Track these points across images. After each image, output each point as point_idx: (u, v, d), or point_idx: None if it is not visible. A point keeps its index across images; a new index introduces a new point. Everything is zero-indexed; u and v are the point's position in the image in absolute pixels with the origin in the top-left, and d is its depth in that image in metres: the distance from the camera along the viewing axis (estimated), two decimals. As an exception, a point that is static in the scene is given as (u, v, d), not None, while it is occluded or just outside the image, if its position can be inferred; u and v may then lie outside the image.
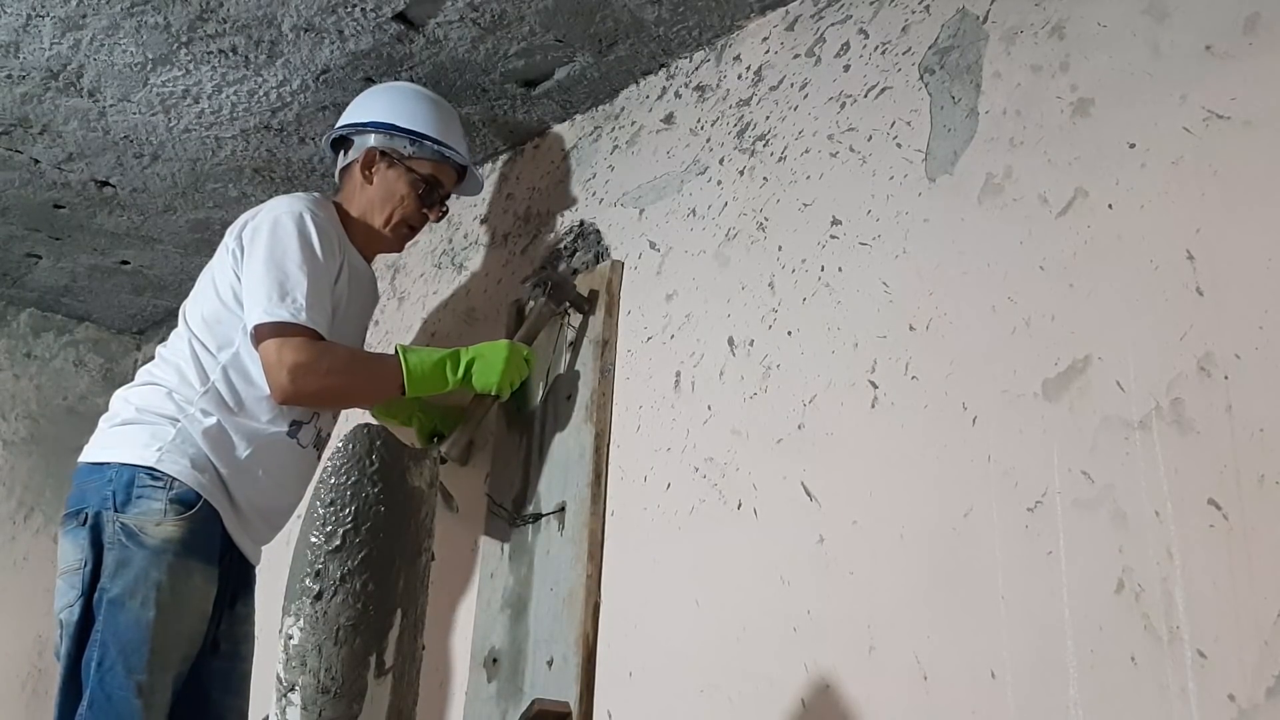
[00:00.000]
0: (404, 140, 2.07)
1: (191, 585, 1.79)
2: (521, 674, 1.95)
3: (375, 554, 1.15)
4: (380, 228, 2.09)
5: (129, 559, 1.76)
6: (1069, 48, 1.56)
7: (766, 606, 1.65)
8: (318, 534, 1.14)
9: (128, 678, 1.71)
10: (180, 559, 1.78)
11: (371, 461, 1.17)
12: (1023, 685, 1.35)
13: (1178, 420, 1.30)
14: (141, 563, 1.75)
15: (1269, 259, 1.28)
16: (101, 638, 1.73)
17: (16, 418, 3.46)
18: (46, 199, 2.80)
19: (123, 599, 1.74)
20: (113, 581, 1.75)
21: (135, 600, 1.74)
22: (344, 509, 1.15)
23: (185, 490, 1.81)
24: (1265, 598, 1.19)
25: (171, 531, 1.78)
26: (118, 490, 1.80)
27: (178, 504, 1.80)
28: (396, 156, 2.07)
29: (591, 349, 2.08)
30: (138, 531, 1.77)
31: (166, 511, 1.79)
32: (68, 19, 2.09)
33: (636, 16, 2.05)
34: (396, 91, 2.14)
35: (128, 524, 1.77)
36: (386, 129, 2.07)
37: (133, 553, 1.76)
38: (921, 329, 1.60)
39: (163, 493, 1.80)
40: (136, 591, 1.74)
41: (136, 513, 1.78)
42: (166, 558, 1.76)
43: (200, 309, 1.96)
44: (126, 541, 1.76)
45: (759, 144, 1.95)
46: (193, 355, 1.91)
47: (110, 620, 1.73)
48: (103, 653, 1.72)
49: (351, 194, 2.10)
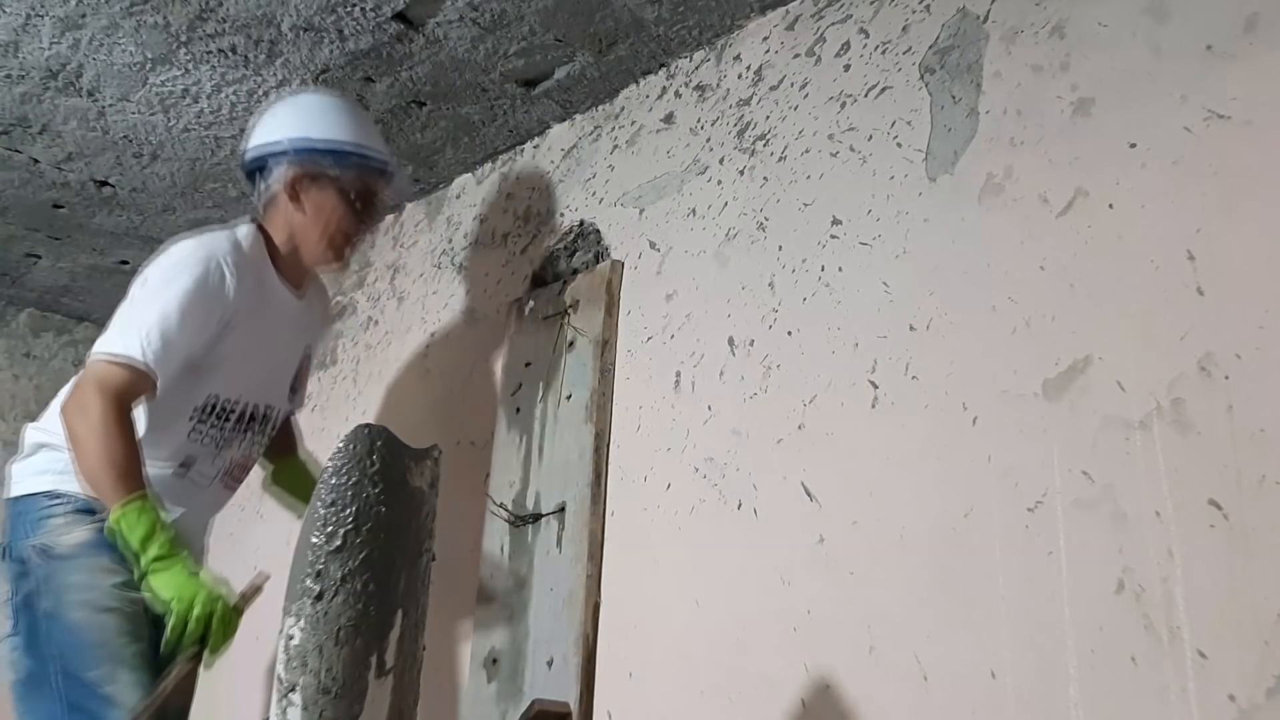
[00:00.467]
0: (326, 159, 1.95)
1: (116, 578, 1.79)
2: (521, 674, 1.95)
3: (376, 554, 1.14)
4: (316, 247, 1.99)
5: (50, 574, 1.81)
6: (1069, 47, 1.56)
7: (766, 606, 1.65)
8: (318, 534, 1.14)
9: (83, 677, 1.74)
10: (93, 558, 1.80)
11: (372, 462, 1.17)
12: (1023, 685, 1.35)
13: (1178, 420, 1.30)
14: (60, 574, 1.80)
15: (1269, 259, 1.28)
16: (53, 651, 1.78)
17: (16, 418, 3.46)
18: (46, 199, 2.80)
19: (54, 611, 1.79)
20: (43, 599, 1.80)
21: (65, 607, 1.78)
22: (345, 509, 1.15)
23: (85, 503, 1.83)
24: (1265, 598, 1.19)
25: (81, 537, 1.82)
26: (29, 520, 1.86)
27: (81, 513, 1.83)
28: (323, 175, 1.95)
29: (591, 349, 2.08)
30: (52, 545, 1.82)
31: (71, 523, 1.83)
32: (67, 18, 2.09)
33: (636, 16, 2.05)
34: (304, 103, 2.03)
35: (42, 544, 1.83)
36: (304, 149, 1.95)
37: (52, 567, 1.81)
38: (921, 329, 1.60)
39: (63, 507, 1.84)
40: (62, 598, 1.79)
41: (45, 532, 1.83)
42: (80, 560, 1.80)
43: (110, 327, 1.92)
44: (43, 560, 1.82)
45: (759, 144, 1.95)
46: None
47: (51, 634, 1.78)
48: (56, 665, 1.77)
49: (280, 220, 1.99)
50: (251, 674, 2.47)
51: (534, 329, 2.23)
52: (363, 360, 2.73)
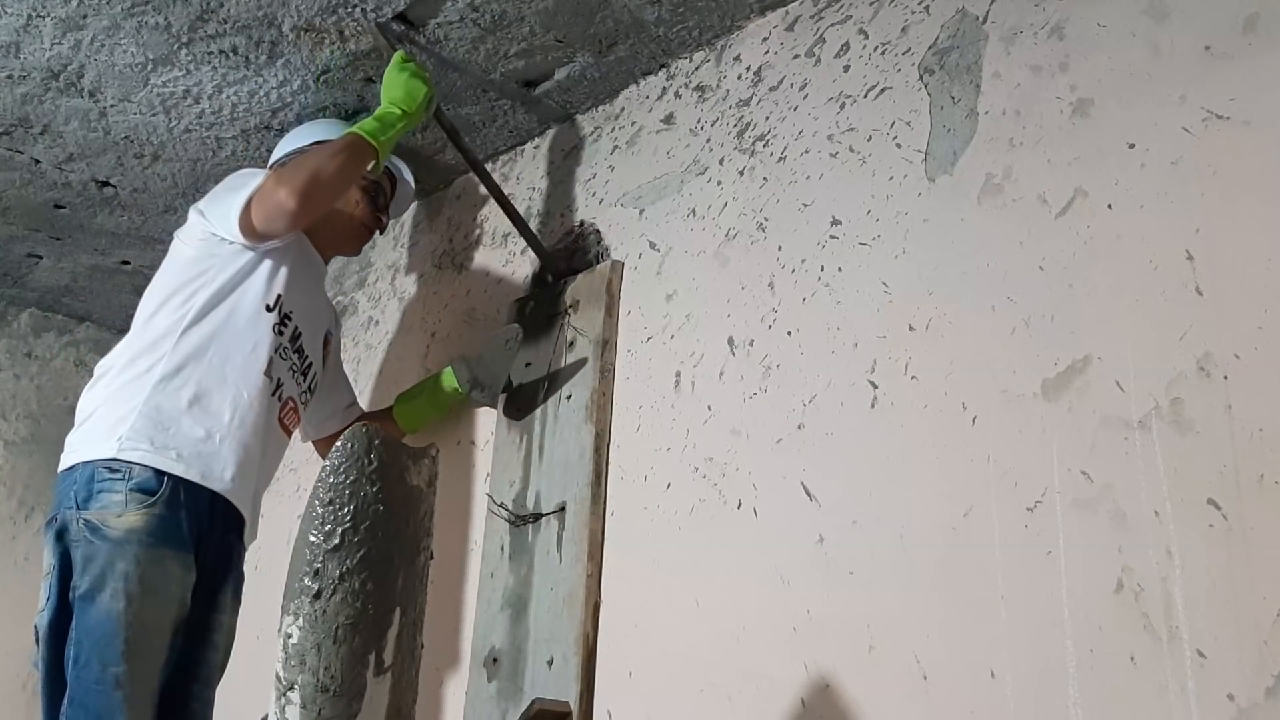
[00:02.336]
0: None
1: (164, 573, 1.78)
2: (521, 674, 1.95)
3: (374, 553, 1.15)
4: (338, 233, 2.19)
5: (94, 554, 1.76)
6: (1069, 48, 1.56)
7: (766, 606, 1.65)
8: (316, 533, 1.14)
9: (104, 671, 1.71)
10: (147, 548, 1.77)
11: (370, 460, 1.17)
12: (1023, 685, 1.35)
13: (1177, 420, 1.30)
14: (107, 555, 1.75)
15: (1269, 259, 1.28)
16: (76, 635, 1.74)
17: (17, 418, 3.46)
18: (47, 199, 2.80)
19: (92, 594, 1.74)
20: (82, 577, 1.75)
21: (104, 593, 1.74)
22: (343, 508, 1.15)
23: (146, 479, 1.80)
24: (1265, 597, 1.19)
25: (134, 521, 1.77)
26: (78, 489, 1.80)
27: (138, 493, 1.79)
28: None
29: (591, 349, 2.08)
30: (100, 525, 1.77)
31: (127, 502, 1.78)
32: (68, 19, 2.09)
33: (636, 16, 2.05)
34: (325, 121, 2.29)
35: (90, 519, 1.77)
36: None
37: (97, 547, 1.76)
38: (921, 329, 1.60)
39: (122, 483, 1.79)
40: (104, 584, 1.74)
41: (98, 507, 1.78)
42: (132, 548, 1.76)
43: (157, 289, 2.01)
44: (91, 537, 1.76)
45: (759, 144, 1.95)
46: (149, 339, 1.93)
47: (82, 616, 1.74)
48: (78, 649, 1.73)
49: None
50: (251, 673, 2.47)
51: (534, 329, 2.23)
52: (363, 360, 2.73)
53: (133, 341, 1.96)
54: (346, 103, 2.32)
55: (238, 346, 1.95)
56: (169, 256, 2.06)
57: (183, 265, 2.00)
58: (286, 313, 2.03)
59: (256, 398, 1.95)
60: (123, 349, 1.96)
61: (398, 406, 2.30)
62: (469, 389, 2.18)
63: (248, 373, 1.95)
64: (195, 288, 1.96)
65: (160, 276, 2.04)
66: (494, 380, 2.17)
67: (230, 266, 1.97)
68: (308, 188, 1.90)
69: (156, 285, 2.03)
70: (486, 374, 2.17)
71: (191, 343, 1.92)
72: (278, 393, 2.01)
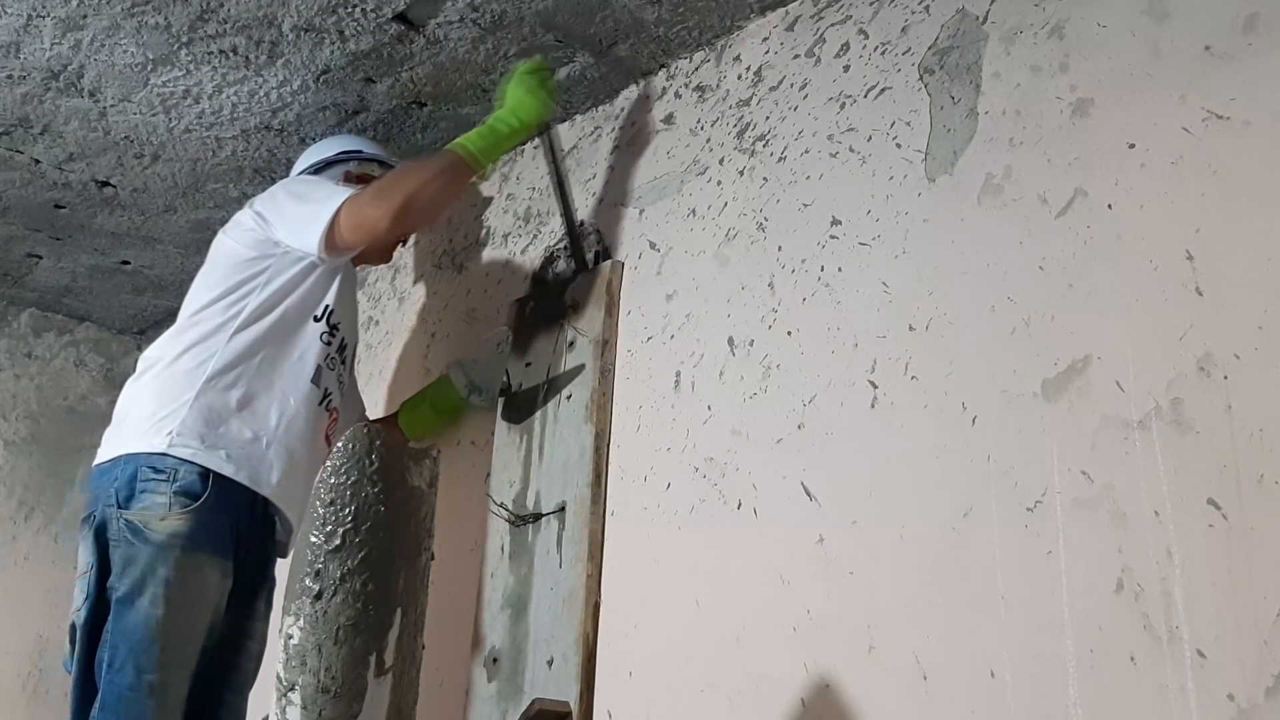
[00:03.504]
0: (372, 165, 2.21)
1: (203, 579, 1.76)
2: (521, 674, 1.95)
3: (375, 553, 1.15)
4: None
5: (135, 556, 1.73)
6: (1069, 48, 1.56)
7: (766, 606, 1.65)
8: (317, 534, 1.14)
9: (139, 677, 1.68)
10: (188, 553, 1.74)
11: (371, 461, 1.17)
12: (1023, 685, 1.35)
13: (1177, 420, 1.31)
14: (148, 559, 1.72)
15: (1269, 259, 1.28)
16: (111, 638, 1.70)
17: (17, 418, 3.47)
18: (47, 199, 2.80)
19: (130, 597, 1.71)
20: (120, 580, 1.72)
21: (144, 598, 1.71)
22: (344, 509, 1.15)
23: (191, 481, 1.77)
24: (1265, 597, 1.19)
25: (177, 525, 1.74)
26: (120, 487, 1.77)
27: (183, 496, 1.76)
28: (370, 178, 2.14)
29: (591, 349, 2.09)
30: (142, 527, 1.74)
31: (171, 505, 1.75)
32: (68, 19, 2.09)
33: (636, 16, 2.05)
34: (345, 135, 2.34)
35: (132, 520, 1.74)
36: (355, 157, 2.22)
37: (138, 549, 1.73)
38: (921, 329, 1.60)
39: (166, 485, 1.76)
40: (144, 589, 1.71)
41: (140, 508, 1.75)
42: (173, 553, 1.73)
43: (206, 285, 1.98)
44: (131, 538, 1.73)
45: (759, 144, 1.96)
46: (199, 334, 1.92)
47: (119, 619, 1.71)
48: (113, 653, 1.70)
49: None
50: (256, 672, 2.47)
51: (534, 329, 2.23)
52: (363, 360, 2.72)
53: (181, 336, 1.93)
54: (346, 102, 2.33)
55: (285, 353, 1.95)
56: (217, 252, 2.03)
57: (235, 265, 1.97)
58: (335, 324, 2.03)
59: (303, 405, 1.93)
60: (170, 343, 1.93)
61: (403, 414, 2.29)
62: (467, 393, 2.18)
63: (294, 380, 1.94)
64: (248, 289, 1.94)
65: (210, 272, 2.01)
66: (490, 383, 2.18)
67: (285, 273, 1.96)
68: (404, 209, 1.88)
69: (205, 281, 2.00)
70: (482, 377, 2.18)
71: (242, 344, 1.90)
72: (325, 402, 2.01)
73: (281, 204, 1.99)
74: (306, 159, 2.26)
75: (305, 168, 2.23)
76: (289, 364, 1.95)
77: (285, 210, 1.97)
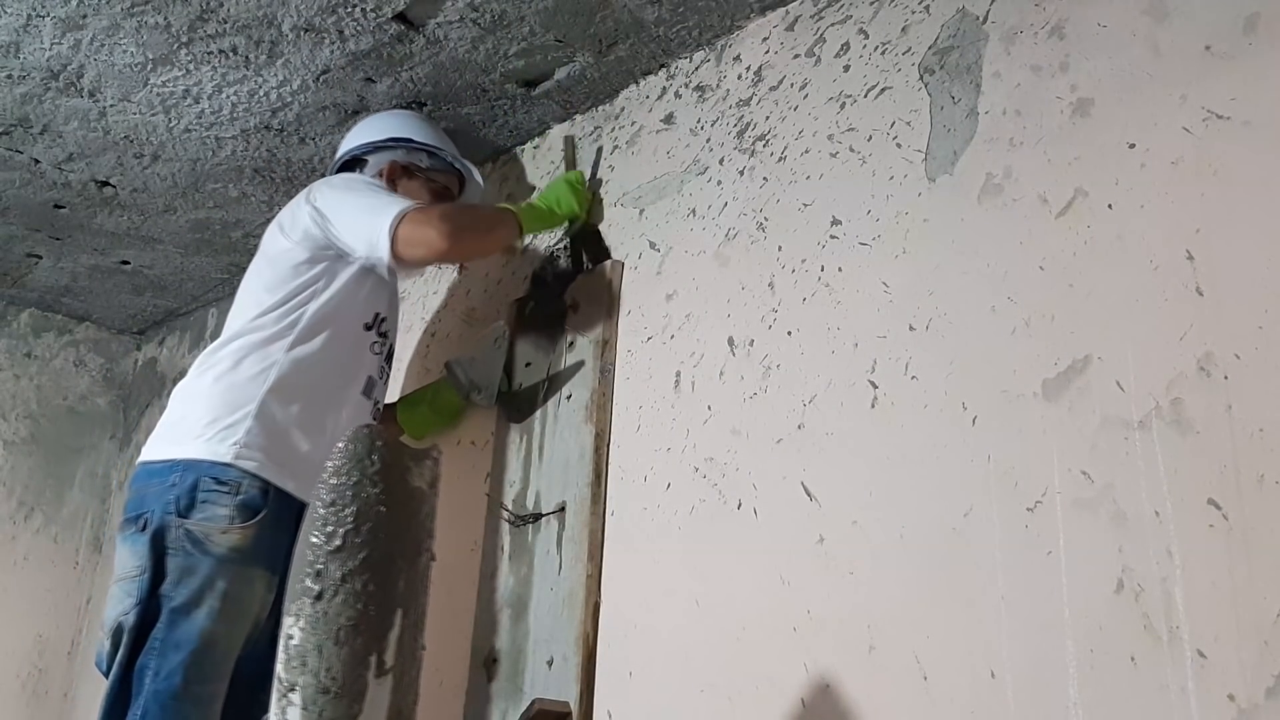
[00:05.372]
0: (421, 155, 2.19)
1: (250, 592, 1.75)
2: (521, 674, 1.95)
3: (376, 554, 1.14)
4: None
5: (194, 566, 1.70)
6: (1069, 48, 1.56)
7: (766, 606, 1.65)
8: (318, 534, 1.14)
9: (187, 688, 1.66)
10: (243, 567, 1.73)
11: (372, 462, 1.17)
12: (1023, 685, 1.35)
13: (1177, 420, 1.31)
14: (207, 571, 1.70)
15: (1269, 259, 1.28)
16: (161, 646, 1.68)
17: (17, 418, 3.47)
18: (47, 199, 2.80)
19: (187, 608, 1.69)
20: (176, 589, 1.70)
21: (201, 610, 1.69)
22: (344, 509, 1.15)
23: (253, 495, 1.76)
24: (1265, 598, 1.19)
25: (237, 540, 1.73)
26: (181, 495, 1.74)
27: (244, 509, 1.74)
28: (416, 169, 2.18)
29: (591, 349, 2.09)
30: (203, 539, 1.71)
31: (233, 519, 1.73)
32: (68, 19, 2.09)
33: (636, 16, 2.05)
34: (400, 114, 2.28)
35: (193, 530, 1.72)
36: (404, 145, 2.18)
37: (198, 560, 1.71)
38: (921, 329, 1.60)
39: (229, 498, 1.74)
40: (202, 600, 1.69)
41: (201, 518, 1.73)
42: (232, 566, 1.72)
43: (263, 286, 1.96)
44: (191, 548, 1.71)
45: (759, 144, 1.96)
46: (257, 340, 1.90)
47: (172, 628, 1.68)
48: (160, 661, 1.67)
49: None
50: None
51: (534, 329, 2.23)
52: (363, 360, 2.73)
53: (239, 342, 1.91)
54: (346, 102, 2.33)
55: (341, 367, 1.96)
56: (274, 250, 1.99)
57: (293, 268, 1.95)
58: (384, 331, 2.05)
59: (354, 419, 1.93)
60: (229, 348, 1.91)
61: (401, 411, 2.29)
62: (467, 392, 2.18)
63: (348, 393, 1.96)
64: (307, 295, 1.93)
65: (266, 271, 1.98)
66: (489, 380, 2.18)
67: (340, 276, 1.95)
68: (460, 239, 1.88)
69: (262, 280, 1.97)
70: (481, 375, 2.18)
71: (302, 355, 1.90)
72: (374, 412, 2.03)
73: (341, 204, 1.95)
74: (356, 136, 2.23)
75: (353, 146, 2.20)
76: (344, 378, 1.96)
77: (345, 212, 1.93)
